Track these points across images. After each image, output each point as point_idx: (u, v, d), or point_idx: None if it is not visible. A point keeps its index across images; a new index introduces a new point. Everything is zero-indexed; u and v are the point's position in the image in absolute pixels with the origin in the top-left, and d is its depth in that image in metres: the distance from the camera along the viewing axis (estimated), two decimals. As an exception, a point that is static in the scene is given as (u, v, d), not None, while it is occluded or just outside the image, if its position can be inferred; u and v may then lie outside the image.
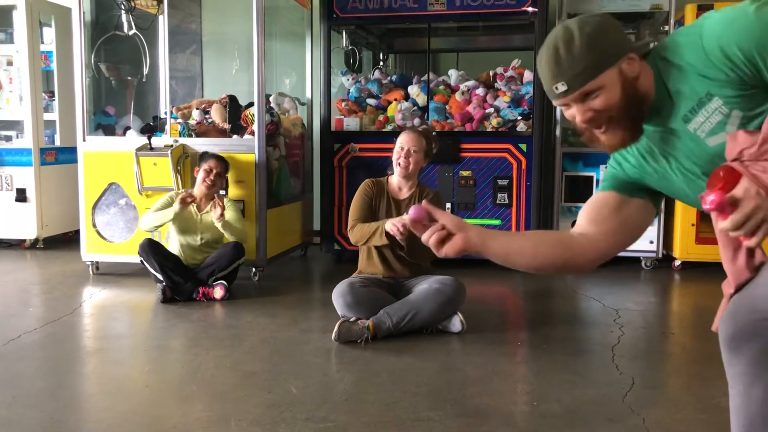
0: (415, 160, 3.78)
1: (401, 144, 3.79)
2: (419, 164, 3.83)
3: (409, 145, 3.77)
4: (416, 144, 3.78)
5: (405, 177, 3.82)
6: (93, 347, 3.59)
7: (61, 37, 6.16)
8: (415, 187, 3.87)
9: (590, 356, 3.45)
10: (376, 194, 3.85)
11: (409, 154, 3.76)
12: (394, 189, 3.88)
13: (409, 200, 3.82)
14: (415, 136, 3.82)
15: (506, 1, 5.23)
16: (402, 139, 3.81)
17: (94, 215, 5.16)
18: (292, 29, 6.13)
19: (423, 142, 3.81)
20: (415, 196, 3.83)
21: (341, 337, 3.49)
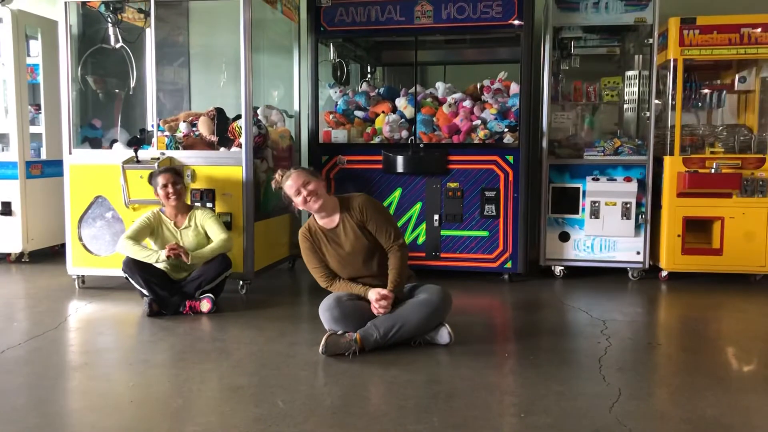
0: (314, 190, 3.66)
1: (293, 191, 3.66)
2: (323, 188, 3.72)
3: (298, 184, 3.65)
4: (306, 178, 3.68)
5: (321, 209, 3.71)
6: (78, 362, 3.56)
7: (47, 49, 6.14)
8: (337, 211, 3.76)
9: (577, 367, 3.45)
10: (315, 240, 3.77)
11: (308, 192, 3.65)
12: (323, 224, 3.78)
13: (342, 225, 3.73)
14: (299, 173, 3.69)
15: (492, 15, 5.27)
16: (291, 183, 3.67)
17: (81, 228, 5.13)
18: (280, 42, 6.14)
19: (303, 171, 3.72)
20: (345, 218, 3.73)
21: (329, 350, 3.48)
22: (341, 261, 3.75)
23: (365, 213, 3.71)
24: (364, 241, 3.72)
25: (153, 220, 4.58)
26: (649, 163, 5.37)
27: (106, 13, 5.28)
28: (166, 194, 4.53)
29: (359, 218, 3.72)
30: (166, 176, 4.56)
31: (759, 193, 5.21)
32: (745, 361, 3.66)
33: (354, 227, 3.72)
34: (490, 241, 5.38)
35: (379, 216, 3.74)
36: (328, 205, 3.75)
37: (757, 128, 5.54)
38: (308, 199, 3.67)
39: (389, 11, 5.40)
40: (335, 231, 3.77)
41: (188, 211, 4.63)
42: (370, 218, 3.71)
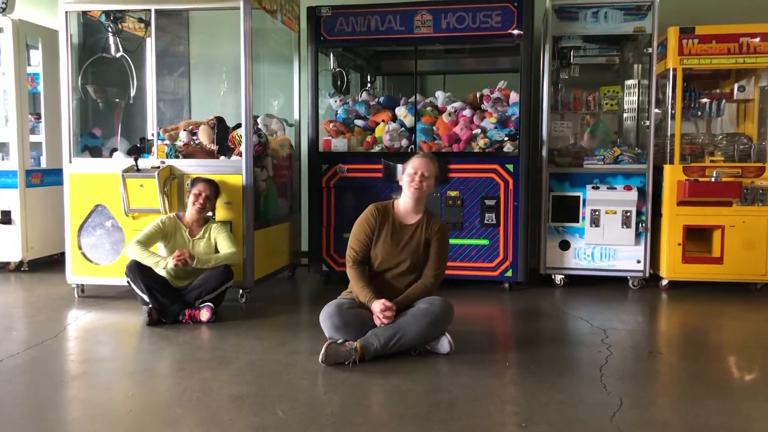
0: (428, 184, 3.78)
1: (414, 168, 3.76)
2: (430, 189, 3.82)
3: (422, 169, 3.75)
4: (429, 169, 3.76)
5: (417, 200, 3.78)
6: (76, 371, 3.54)
7: (48, 59, 6.16)
8: (422, 213, 3.84)
9: (578, 376, 3.44)
10: (381, 221, 3.80)
11: (422, 178, 3.74)
12: (401, 214, 3.84)
13: (415, 227, 3.79)
14: (427, 161, 3.80)
15: (492, 24, 5.28)
16: (415, 163, 3.78)
17: (80, 237, 5.12)
18: (280, 51, 6.16)
19: (434, 167, 3.81)
20: (423, 224, 3.79)
21: (328, 359, 3.47)
22: (389, 252, 3.76)
23: (438, 234, 3.79)
24: (420, 253, 3.77)
25: (168, 224, 4.61)
26: (649, 171, 5.37)
27: (107, 23, 5.29)
28: (195, 200, 4.61)
29: (430, 234, 3.78)
30: (206, 186, 4.68)
31: (759, 202, 5.21)
32: (746, 369, 3.64)
33: (422, 237, 3.77)
34: (490, 249, 5.37)
35: (443, 246, 3.83)
36: (422, 201, 3.83)
37: (757, 137, 5.55)
38: (415, 180, 3.73)
39: (389, 21, 5.42)
40: (406, 226, 3.81)
41: (204, 224, 4.67)
42: (437, 241, 3.78)
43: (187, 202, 4.69)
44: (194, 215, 4.64)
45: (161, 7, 5.01)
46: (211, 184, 4.73)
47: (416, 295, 3.72)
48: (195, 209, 4.62)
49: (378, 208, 3.85)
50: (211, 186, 4.72)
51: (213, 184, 4.74)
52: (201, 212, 4.65)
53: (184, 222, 4.67)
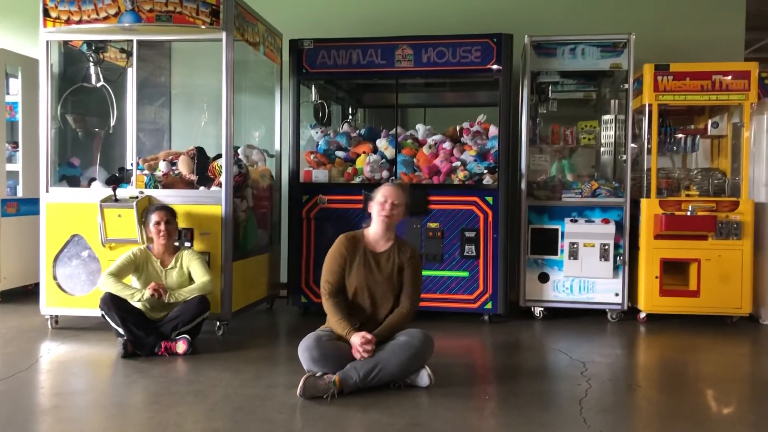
0: (398, 212, 3.80)
1: (384, 196, 3.78)
2: (400, 217, 3.85)
3: (392, 198, 3.77)
4: (398, 197, 3.79)
5: (386, 228, 3.80)
6: (48, 405, 3.46)
7: (27, 88, 6.12)
8: (392, 241, 3.86)
9: (558, 410, 3.42)
10: (352, 250, 3.80)
11: (392, 206, 3.76)
12: (371, 242, 3.85)
13: (387, 255, 3.80)
14: (396, 189, 3.83)
15: (471, 59, 5.36)
16: (384, 191, 3.81)
17: (56, 267, 5.04)
18: (262, 83, 6.19)
19: (404, 196, 3.83)
20: (394, 251, 3.81)
21: (306, 392, 3.42)
22: (363, 281, 3.74)
23: (411, 261, 3.80)
24: (394, 280, 3.77)
25: (139, 257, 4.55)
26: (626, 205, 5.44)
27: (88, 53, 5.30)
28: (158, 231, 4.54)
29: (403, 260, 3.78)
30: (161, 214, 4.58)
31: (734, 236, 5.29)
32: (723, 402, 3.66)
33: (394, 265, 3.78)
34: (470, 281, 5.38)
35: (417, 272, 3.84)
36: (391, 230, 3.84)
37: (730, 172, 5.65)
38: (386, 209, 3.75)
39: (370, 54, 5.49)
40: (378, 255, 3.80)
41: (175, 252, 4.62)
42: (410, 267, 3.79)
43: (150, 236, 4.61)
44: (163, 245, 4.57)
45: (143, 38, 5.03)
46: (164, 209, 4.63)
47: (394, 324, 3.70)
48: (162, 239, 4.54)
49: (348, 237, 3.85)
50: (165, 211, 4.61)
51: (165, 208, 4.64)
52: (168, 240, 4.57)
53: (154, 253, 4.61)
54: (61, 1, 4.86)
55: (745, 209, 5.31)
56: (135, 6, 4.74)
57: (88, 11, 4.83)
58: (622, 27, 5.65)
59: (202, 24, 4.78)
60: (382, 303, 3.77)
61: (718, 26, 6.21)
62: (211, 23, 4.78)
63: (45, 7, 4.91)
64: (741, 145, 5.43)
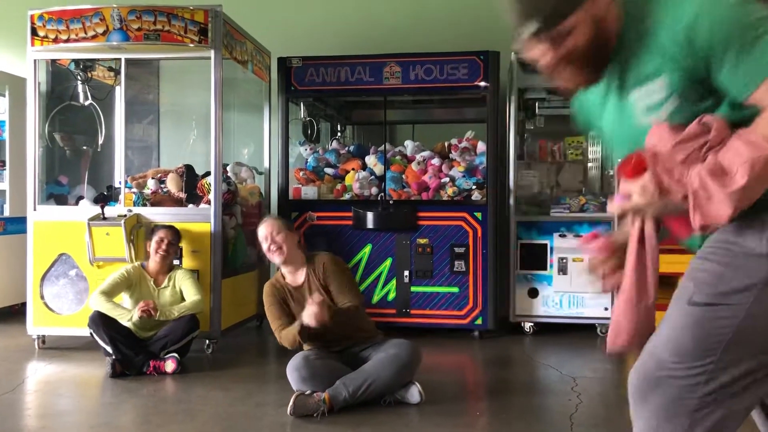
0: (283, 238, 3.71)
1: (264, 236, 3.72)
2: (292, 242, 3.76)
3: (270, 232, 3.71)
4: (276, 227, 3.73)
5: (287, 261, 3.74)
6: (35, 426, 3.42)
7: (14, 106, 6.10)
8: (303, 265, 3.79)
9: (549, 425, 3.42)
10: (281, 294, 3.75)
11: (273, 242, 3.70)
12: (290, 280, 3.80)
13: (308, 283, 3.73)
14: (269, 222, 3.77)
15: (459, 76, 5.41)
16: (261, 232, 3.74)
17: (43, 287, 5.00)
18: (251, 100, 6.20)
19: (278, 221, 3.79)
20: (310, 275, 3.75)
21: (296, 410, 3.40)
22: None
23: (327, 270, 3.72)
24: (329, 298, 3.69)
25: (132, 274, 4.53)
26: (614, 219, 5.47)
27: (76, 71, 5.29)
28: (158, 248, 4.53)
29: (322, 276, 3.72)
30: (167, 232, 4.59)
31: (721, 250, 5.31)
32: (714, 416, 3.66)
33: (318, 286, 3.72)
34: (460, 297, 5.38)
35: (341, 276, 3.75)
36: (293, 259, 3.76)
37: (717, 186, 5.69)
38: (271, 248, 3.70)
39: (359, 72, 5.52)
40: (300, 289, 3.75)
41: (169, 271, 4.61)
42: (331, 277, 3.72)
43: (149, 250, 4.62)
44: (158, 263, 4.57)
45: (131, 57, 5.04)
46: (172, 229, 4.66)
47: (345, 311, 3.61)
48: (159, 257, 4.54)
49: (271, 284, 3.80)
50: (172, 232, 4.65)
51: (174, 229, 4.67)
52: (165, 259, 4.57)
53: (148, 271, 4.59)
54: (49, 20, 4.87)
55: (732, 223, 5.34)
56: (123, 25, 4.76)
57: (76, 30, 4.83)
58: (607, 44, 5.71)
59: (190, 42, 4.79)
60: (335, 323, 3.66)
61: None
62: (199, 41, 4.80)
63: (33, 26, 4.91)
64: (726, 160, 5.47)
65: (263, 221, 3.82)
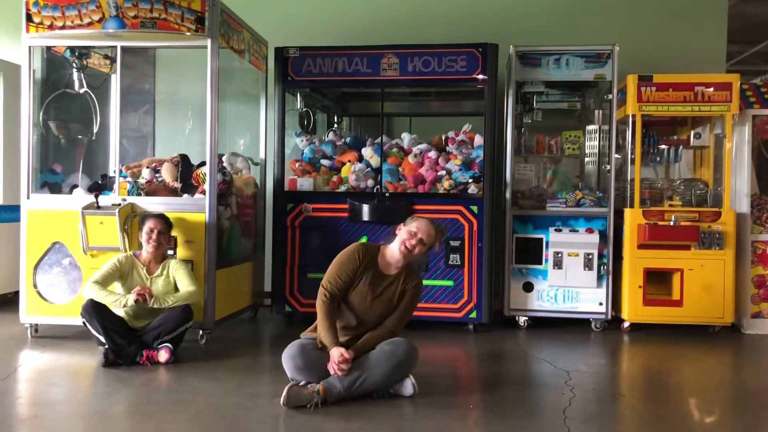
0: (420, 250, 3.71)
1: (417, 228, 3.70)
2: (419, 255, 3.76)
3: (423, 235, 3.70)
4: (429, 237, 3.72)
5: (402, 258, 3.73)
6: (26, 414, 3.40)
7: (9, 93, 6.06)
8: (402, 268, 3.78)
9: (542, 419, 3.42)
10: (365, 263, 3.72)
11: (419, 242, 3.69)
12: (384, 263, 3.77)
13: (395, 279, 3.73)
14: (432, 229, 3.74)
15: (457, 69, 5.38)
16: (420, 225, 3.72)
17: (36, 275, 4.98)
18: (247, 90, 6.17)
19: (435, 237, 3.76)
20: (401, 277, 3.74)
21: (290, 401, 3.39)
22: (364, 297, 3.69)
23: (414, 290, 3.75)
24: (393, 304, 3.72)
25: (124, 264, 4.50)
26: (610, 215, 5.47)
27: (72, 59, 5.26)
28: (149, 238, 4.51)
29: (407, 287, 3.73)
30: (156, 222, 4.56)
31: (716, 246, 5.33)
32: (707, 411, 3.68)
33: (397, 290, 3.72)
34: (455, 290, 5.38)
35: (413, 301, 3.78)
36: (408, 261, 3.77)
37: (712, 183, 5.70)
38: (411, 243, 3.67)
39: (356, 63, 5.49)
40: (385, 276, 3.74)
41: (162, 261, 4.58)
42: (410, 295, 3.74)
43: (141, 240, 4.59)
44: (151, 253, 4.54)
45: (127, 44, 5.00)
46: (161, 218, 4.62)
47: (374, 342, 3.65)
48: (151, 247, 4.51)
49: (366, 248, 3.77)
50: (162, 220, 4.61)
51: (163, 218, 4.64)
52: (157, 249, 4.54)
53: (141, 260, 4.57)
54: (45, 6, 4.82)
55: (727, 219, 5.35)
56: (119, 12, 4.72)
57: (71, 17, 4.79)
58: (606, 38, 5.70)
59: (187, 31, 4.76)
60: (371, 322, 3.72)
61: (700, 39, 6.29)
62: (196, 30, 4.76)
63: (28, 12, 4.87)
64: (723, 156, 5.48)
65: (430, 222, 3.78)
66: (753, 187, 5.52)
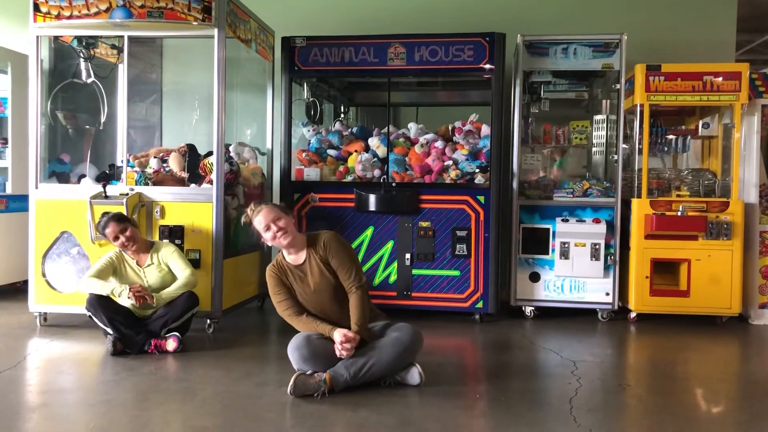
0: (284, 225, 3.68)
1: (264, 224, 3.68)
2: (292, 225, 3.74)
3: (269, 220, 3.67)
4: (274, 214, 3.69)
5: (290, 246, 3.72)
6: (35, 402, 3.43)
7: (17, 83, 6.08)
8: (305, 248, 3.77)
9: (548, 408, 3.43)
10: (283, 273, 3.76)
11: (278, 228, 3.67)
12: (291, 261, 3.78)
13: (309, 261, 3.73)
14: (266, 210, 3.72)
15: (464, 58, 5.36)
16: (261, 219, 3.69)
17: (45, 264, 5.01)
18: (254, 80, 6.17)
19: (275, 208, 3.75)
20: (312, 254, 3.74)
21: (297, 390, 3.41)
22: (307, 298, 3.73)
23: (329, 248, 3.72)
24: (329, 278, 3.70)
25: (115, 260, 4.50)
26: (617, 205, 5.46)
27: (79, 48, 5.27)
28: (122, 245, 4.47)
29: (323, 254, 3.71)
30: (112, 227, 4.46)
31: (724, 236, 5.31)
32: (713, 402, 3.67)
33: (319, 264, 3.71)
34: (461, 280, 5.38)
35: (342, 253, 3.73)
36: (297, 241, 3.74)
37: (721, 173, 5.67)
38: (277, 235, 3.67)
39: (363, 52, 5.48)
40: (302, 267, 3.75)
41: (149, 249, 4.57)
42: (333, 254, 3.71)
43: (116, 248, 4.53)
44: (132, 252, 4.51)
45: (134, 34, 5.00)
46: (115, 219, 4.48)
47: (360, 311, 3.62)
48: (128, 248, 4.47)
49: (274, 266, 3.80)
50: (116, 221, 4.47)
51: (116, 217, 4.50)
52: (133, 246, 4.47)
53: (129, 254, 4.54)
54: (52, -4, 4.83)
55: (735, 210, 5.33)
56: (126, 2, 4.72)
57: (78, 6, 4.79)
58: (613, 27, 5.67)
59: (193, 20, 4.75)
60: (334, 305, 3.72)
61: (709, 27, 6.24)
62: (203, 20, 4.76)
63: (35, 1, 4.88)
64: (731, 146, 5.45)
65: (257, 211, 3.74)
66: (761, 177, 5.48)
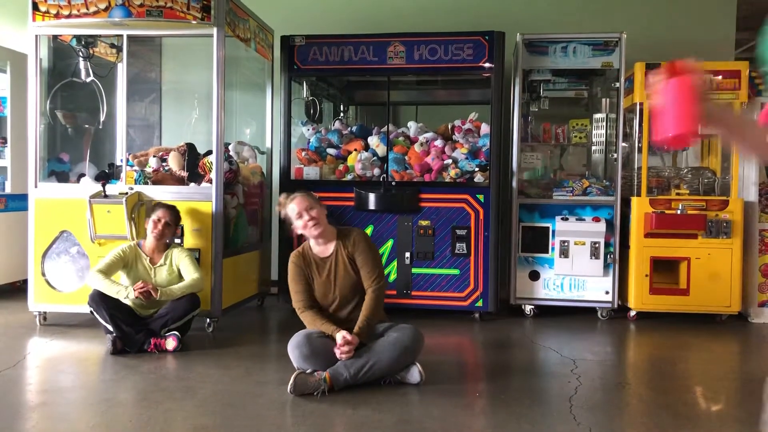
0: (316, 215, 3.69)
1: (297, 212, 3.68)
2: (323, 218, 3.74)
3: (302, 208, 3.68)
4: (307, 203, 3.70)
5: (319, 236, 3.73)
6: (35, 402, 3.43)
7: (16, 82, 6.07)
8: (334, 239, 3.78)
9: (548, 407, 3.43)
10: (305, 264, 3.77)
11: (311, 218, 3.67)
12: (317, 252, 3.80)
13: (336, 255, 3.74)
14: (300, 198, 3.72)
15: (464, 57, 5.36)
16: (294, 207, 3.69)
17: (44, 263, 5.01)
18: (253, 79, 6.17)
19: (309, 198, 3.74)
20: (339, 247, 3.75)
21: (297, 389, 3.41)
22: (326, 291, 3.73)
23: (357, 245, 3.73)
24: (351, 274, 3.72)
25: (128, 253, 4.51)
26: (616, 203, 5.46)
27: (78, 47, 5.26)
28: (154, 227, 4.50)
29: (351, 250, 3.73)
30: (165, 212, 4.54)
31: (723, 235, 5.31)
32: (712, 400, 3.68)
33: (345, 259, 3.73)
34: (461, 279, 5.38)
35: (368, 252, 3.75)
36: (327, 233, 3.76)
37: (720, 171, 5.67)
38: (309, 224, 3.68)
39: (362, 51, 5.47)
40: (327, 260, 3.76)
41: (165, 250, 4.58)
42: (360, 252, 3.72)
43: (146, 228, 4.59)
44: (153, 242, 4.54)
45: (134, 33, 5.00)
46: (172, 210, 4.61)
47: (370, 312, 3.65)
48: (153, 236, 4.51)
49: (297, 254, 3.81)
50: (171, 212, 4.59)
51: (173, 210, 4.62)
52: (159, 239, 4.53)
53: (144, 250, 4.56)
54: (51, -5, 4.82)
55: (735, 208, 5.33)
56: (125, 1, 4.71)
57: (77, 5, 4.79)
58: (613, 26, 5.67)
59: (193, 19, 4.75)
60: (350, 301, 3.74)
61: (709, 26, 6.24)
62: (202, 18, 4.75)
63: (34, 1, 4.87)
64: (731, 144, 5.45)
65: (291, 198, 3.75)
66: (761, 175, 5.49)
